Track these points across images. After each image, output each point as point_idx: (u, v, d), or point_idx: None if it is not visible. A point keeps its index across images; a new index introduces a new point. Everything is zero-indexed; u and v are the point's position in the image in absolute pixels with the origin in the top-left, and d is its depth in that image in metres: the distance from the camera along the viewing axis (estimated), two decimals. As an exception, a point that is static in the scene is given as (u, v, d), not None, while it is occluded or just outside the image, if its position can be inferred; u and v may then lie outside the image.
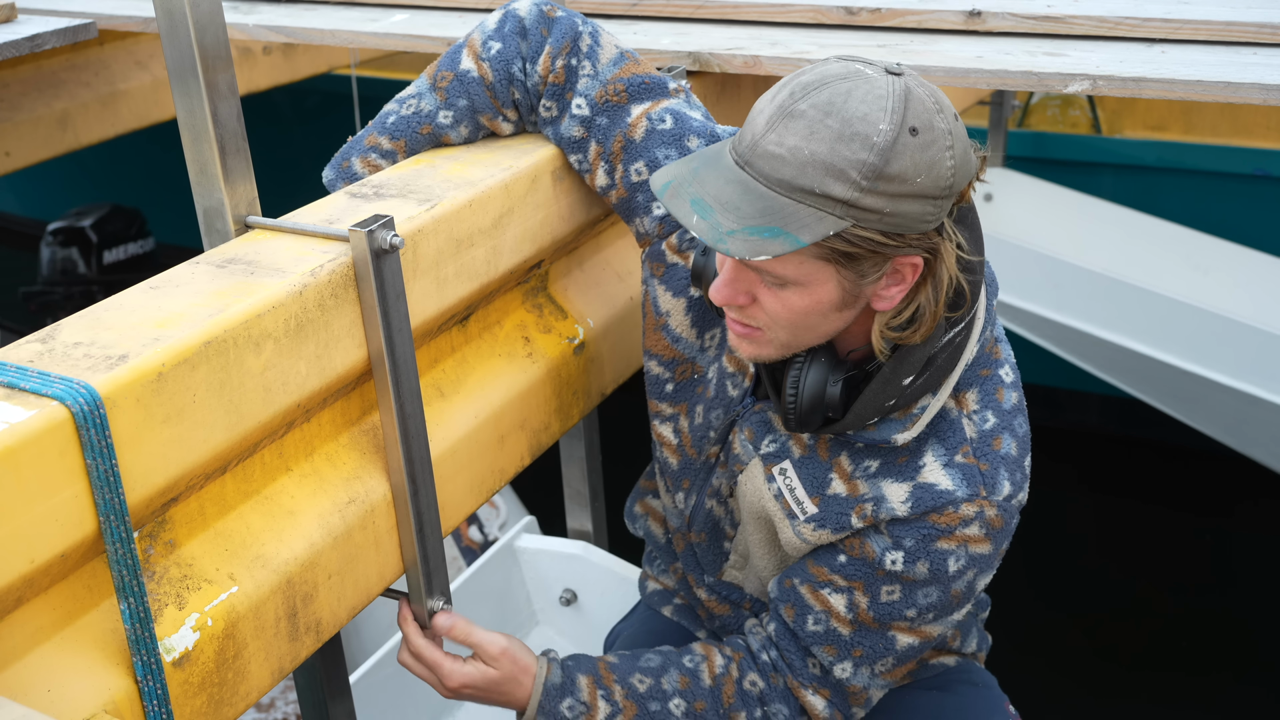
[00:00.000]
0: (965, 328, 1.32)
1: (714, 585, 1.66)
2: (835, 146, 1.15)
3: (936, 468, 1.35)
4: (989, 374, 1.39)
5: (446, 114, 1.58)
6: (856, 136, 1.14)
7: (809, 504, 1.42)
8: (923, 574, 1.37)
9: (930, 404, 1.34)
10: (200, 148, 1.33)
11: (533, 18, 1.57)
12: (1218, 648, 3.45)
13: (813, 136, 1.15)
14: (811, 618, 1.44)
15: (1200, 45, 1.88)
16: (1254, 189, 3.94)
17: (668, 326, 1.55)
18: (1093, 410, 4.27)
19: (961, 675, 1.66)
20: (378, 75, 4.16)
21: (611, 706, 1.48)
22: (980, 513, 1.35)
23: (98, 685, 1.09)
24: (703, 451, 1.56)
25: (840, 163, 1.14)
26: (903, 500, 1.36)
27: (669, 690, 1.49)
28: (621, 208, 1.58)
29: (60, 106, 2.99)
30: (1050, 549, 3.79)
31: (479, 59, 1.56)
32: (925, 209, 1.18)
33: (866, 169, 1.14)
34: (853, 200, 1.15)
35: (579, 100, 1.55)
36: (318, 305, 1.26)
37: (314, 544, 1.30)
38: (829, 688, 1.47)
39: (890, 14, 2.06)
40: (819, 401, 1.33)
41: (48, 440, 1.00)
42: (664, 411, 1.59)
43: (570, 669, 1.49)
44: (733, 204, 1.18)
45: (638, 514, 1.80)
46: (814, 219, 1.16)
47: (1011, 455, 1.38)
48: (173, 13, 1.27)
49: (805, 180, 1.15)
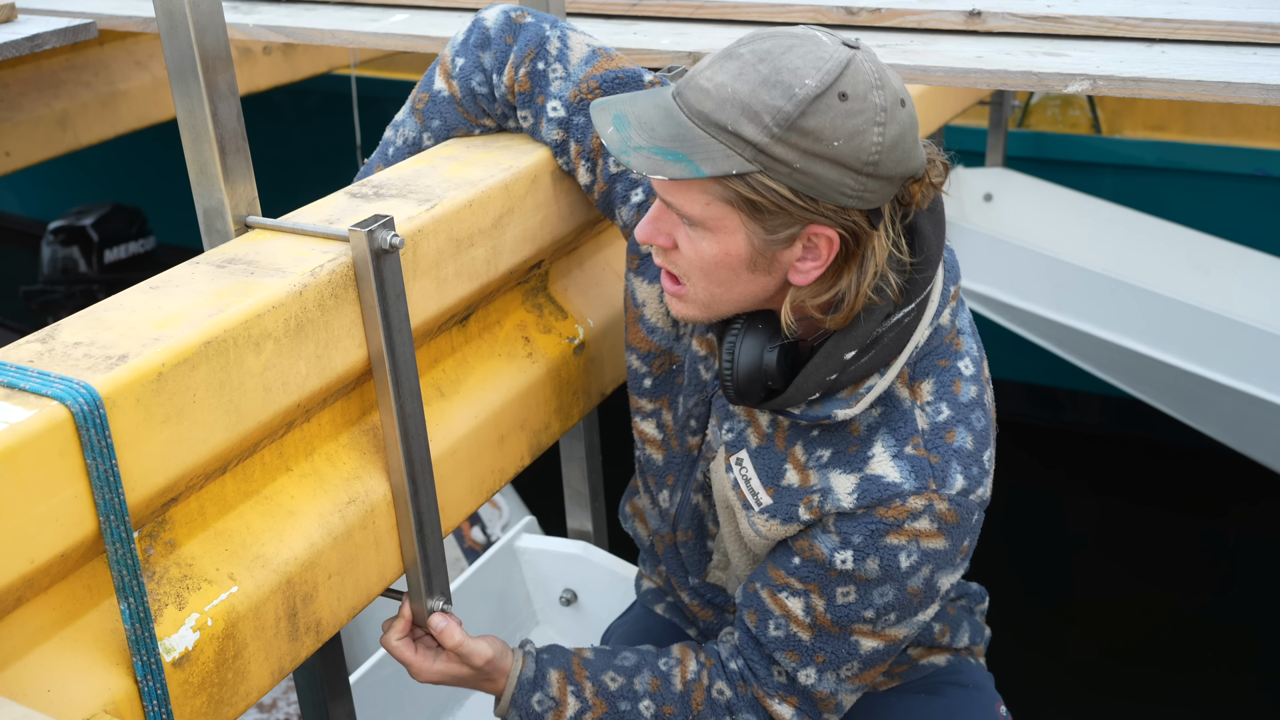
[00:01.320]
0: (915, 309, 1.30)
1: (698, 588, 1.65)
2: (757, 90, 1.16)
3: (885, 459, 1.33)
4: (947, 364, 1.36)
5: (428, 137, 1.62)
6: (780, 85, 1.16)
7: (764, 495, 1.41)
8: (874, 571, 1.35)
9: (877, 384, 1.32)
10: (200, 148, 1.33)
11: (498, 27, 1.58)
12: (1217, 648, 3.45)
13: (740, 77, 1.17)
14: (773, 623, 1.43)
15: (1200, 45, 1.88)
16: (1254, 189, 3.94)
17: (644, 318, 1.54)
18: (1093, 410, 4.27)
19: (951, 676, 1.64)
20: (378, 75, 4.16)
21: (581, 703, 1.47)
22: (929, 506, 1.32)
23: (98, 685, 1.09)
24: (684, 443, 1.55)
25: (757, 105, 1.16)
26: (849, 492, 1.34)
27: (640, 691, 1.48)
28: (603, 202, 1.59)
29: (60, 106, 2.99)
30: (1050, 549, 3.79)
31: (449, 77, 1.60)
32: (842, 178, 1.17)
33: (780, 115, 1.15)
34: (762, 145, 1.16)
35: (553, 103, 1.56)
36: (318, 305, 1.26)
37: (314, 544, 1.30)
38: (796, 695, 1.45)
39: (890, 14, 2.06)
40: (755, 369, 1.32)
41: (48, 440, 1.00)
42: (644, 408, 1.58)
43: (544, 663, 1.49)
44: (649, 124, 1.21)
45: (628, 514, 1.81)
46: (721, 155, 1.17)
47: (966, 449, 1.35)
48: (173, 13, 1.27)
49: (721, 115, 1.17)
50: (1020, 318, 3.58)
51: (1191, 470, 4.09)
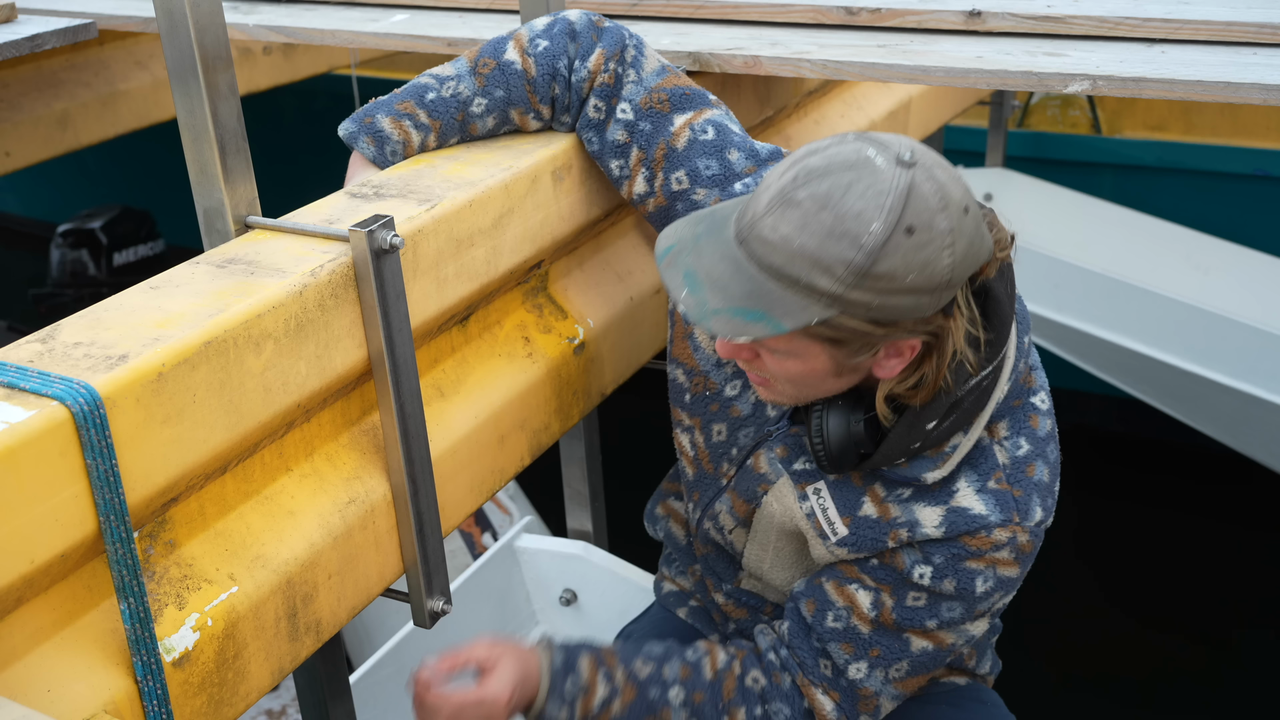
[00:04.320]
0: (993, 371, 1.32)
1: (732, 591, 1.66)
2: (825, 242, 1.14)
3: (970, 493, 1.36)
4: (1021, 403, 1.39)
5: (480, 102, 1.59)
6: (846, 235, 1.13)
7: (840, 525, 1.42)
8: (949, 590, 1.38)
9: (962, 442, 1.34)
10: (200, 148, 1.33)
11: (583, 24, 1.61)
12: (1217, 648, 3.45)
13: (805, 229, 1.15)
14: (832, 614, 1.45)
15: (1200, 45, 1.87)
16: (1254, 189, 3.94)
17: (693, 336, 1.55)
18: (1093, 410, 4.27)
19: (971, 694, 1.67)
20: (378, 75, 4.15)
21: (610, 688, 1.48)
22: (1013, 539, 1.36)
23: (98, 685, 1.09)
24: (718, 467, 1.56)
25: (827, 258, 1.14)
26: (936, 525, 1.36)
27: (669, 679, 1.49)
28: (657, 216, 1.59)
29: (60, 106, 2.99)
30: (1049, 548, 3.79)
31: (524, 53, 1.59)
32: (919, 301, 1.17)
33: (852, 268, 1.14)
34: (837, 294, 1.16)
35: (624, 105, 1.57)
36: (318, 305, 1.26)
37: (314, 544, 1.30)
38: (839, 690, 1.46)
39: (890, 14, 2.06)
40: (846, 441, 1.34)
41: (48, 440, 1.00)
42: (683, 421, 1.60)
43: (572, 650, 1.51)
44: (722, 282, 1.19)
45: (659, 515, 1.80)
46: (798, 307, 1.17)
47: (1044, 481, 1.39)
48: (173, 13, 1.27)
49: (793, 270, 1.16)
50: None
51: (1191, 470, 4.09)
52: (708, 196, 1.53)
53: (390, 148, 1.57)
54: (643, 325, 1.88)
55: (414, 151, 1.59)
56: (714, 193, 1.53)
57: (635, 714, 1.48)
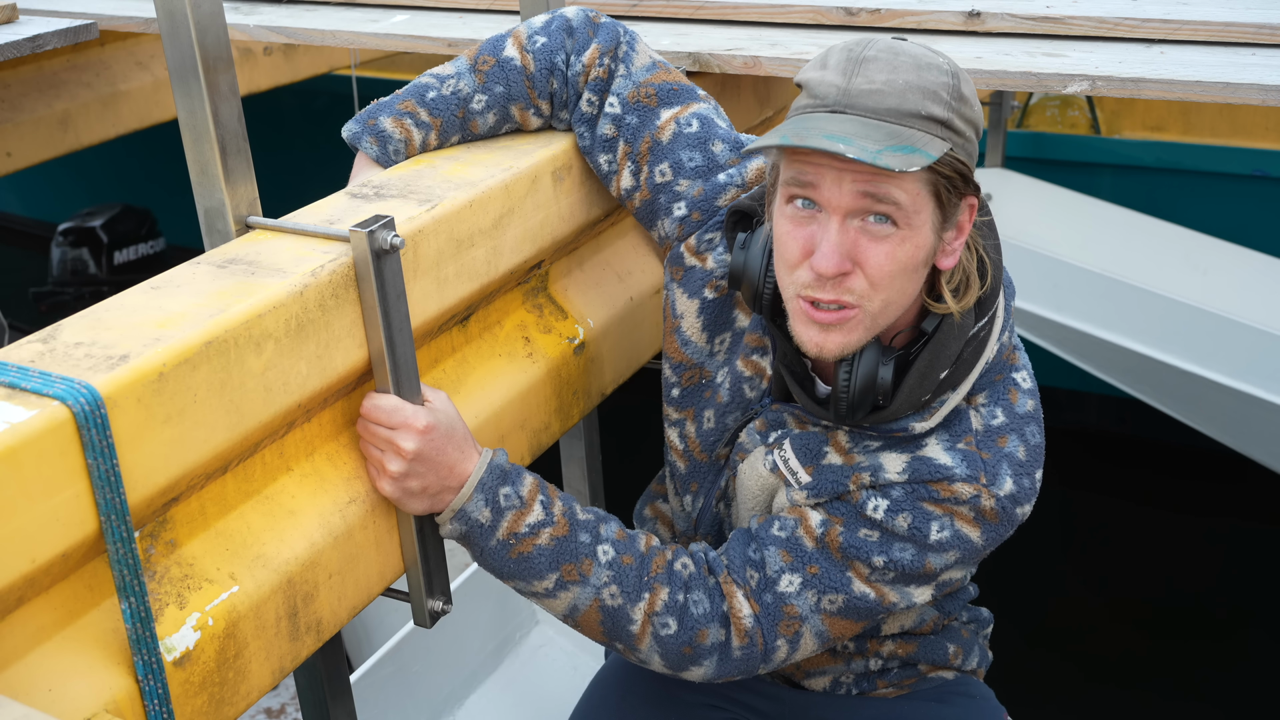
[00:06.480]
0: (988, 322, 1.37)
1: None
2: (919, 73, 1.24)
3: (938, 448, 1.38)
4: (1002, 378, 1.42)
5: (480, 99, 1.60)
6: (930, 65, 1.25)
7: (803, 473, 1.44)
8: (902, 528, 1.38)
9: (950, 398, 1.37)
10: (201, 148, 1.33)
11: (580, 20, 1.62)
12: (1217, 648, 3.45)
13: (896, 69, 1.23)
14: (779, 523, 1.44)
15: (1199, 46, 1.88)
16: (1253, 189, 3.95)
17: (680, 330, 1.56)
18: (1092, 410, 4.28)
19: (959, 688, 1.67)
20: (378, 76, 4.16)
21: (546, 515, 1.41)
22: (976, 497, 1.36)
23: (98, 685, 1.09)
24: (712, 454, 1.57)
25: (929, 84, 1.24)
26: (899, 471, 1.38)
27: (604, 535, 1.44)
28: (643, 211, 1.60)
29: (61, 107, 2.99)
30: (1049, 548, 3.79)
31: (523, 49, 1.60)
32: (977, 142, 1.28)
33: (950, 87, 1.24)
34: (948, 120, 1.24)
35: (612, 99, 1.59)
36: (318, 305, 1.26)
37: (315, 543, 1.30)
38: (760, 603, 1.43)
39: (890, 14, 2.06)
40: (871, 386, 1.34)
41: (49, 440, 1.00)
42: (670, 416, 1.61)
43: (519, 467, 1.43)
44: (860, 135, 1.22)
45: (646, 517, 1.81)
46: (927, 140, 1.22)
47: (1018, 457, 1.39)
48: (174, 13, 1.28)
49: (909, 104, 1.23)
50: (1019, 318, 3.59)
51: (1192, 470, 4.09)
52: (690, 188, 1.54)
53: (393, 147, 1.57)
54: (643, 325, 1.88)
55: (416, 150, 1.59)
56: (697, 184, 1.53)
57: (559, 552, 1.40)
